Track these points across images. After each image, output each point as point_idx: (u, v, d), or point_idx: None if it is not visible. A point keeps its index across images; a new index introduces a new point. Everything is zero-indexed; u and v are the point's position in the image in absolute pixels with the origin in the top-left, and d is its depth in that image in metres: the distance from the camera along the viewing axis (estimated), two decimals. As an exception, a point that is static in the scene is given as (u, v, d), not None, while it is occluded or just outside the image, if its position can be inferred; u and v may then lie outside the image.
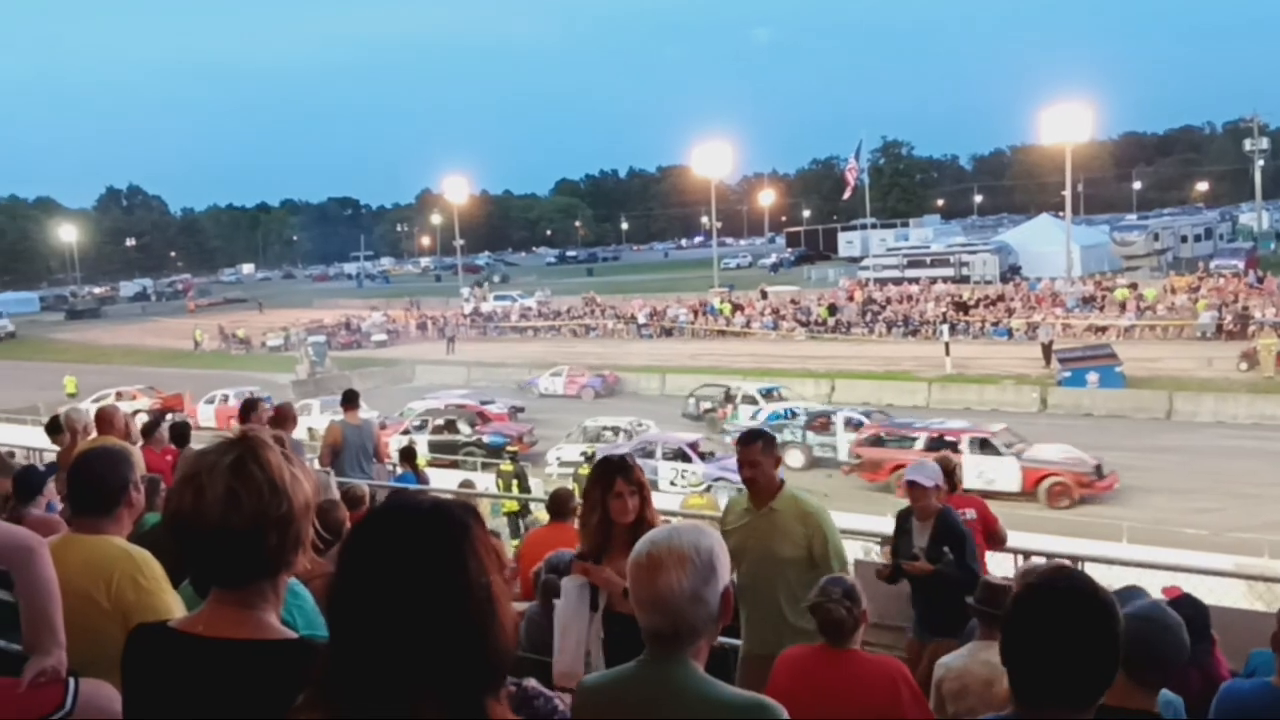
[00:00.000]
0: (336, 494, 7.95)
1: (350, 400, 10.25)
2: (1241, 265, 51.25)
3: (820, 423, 26.53)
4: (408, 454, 12.15)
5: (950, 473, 7.04)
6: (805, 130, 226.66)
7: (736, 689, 2.20)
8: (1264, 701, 3.50)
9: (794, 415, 27.41)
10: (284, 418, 9.26)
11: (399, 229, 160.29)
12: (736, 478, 19.78)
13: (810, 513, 4.84)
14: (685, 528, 2.21)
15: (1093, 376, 31.17)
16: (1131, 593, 3.20)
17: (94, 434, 8.38)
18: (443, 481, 15.08)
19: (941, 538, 5.93)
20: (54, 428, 9.19)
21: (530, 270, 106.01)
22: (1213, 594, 6.97)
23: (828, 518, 4.82)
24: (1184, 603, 4.31)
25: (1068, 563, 6.51)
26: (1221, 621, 5.30)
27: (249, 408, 8.87)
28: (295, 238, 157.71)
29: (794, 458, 25.21)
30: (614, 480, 4.15)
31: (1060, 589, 1.96)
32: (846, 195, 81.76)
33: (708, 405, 31.36)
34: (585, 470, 18.81)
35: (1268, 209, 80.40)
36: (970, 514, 6.83)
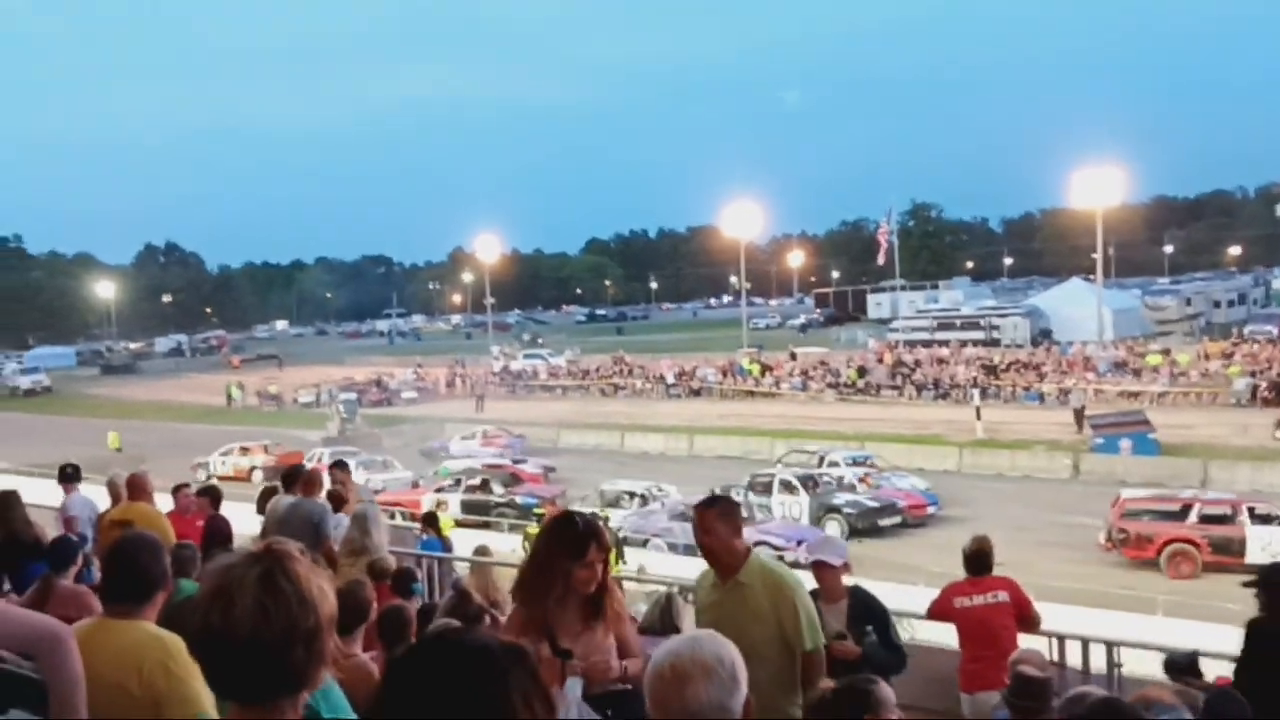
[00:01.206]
0: (383, 524, 7.91)
1: (343, 468, 10.12)
2: (1276, 331, 50.78)
3: (761, 485, 26.41)
4: (430, 519, 12.04)
5: (986, 554, 6.91)
6: (834, 191, 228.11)
7: None
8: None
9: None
10: (311, 483, 9.20)
11: (431, 287, 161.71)
12: (778, 541, 19.29)
13: (778, 584, 4.37)
14: (703, 637, 2.17)
15: (1126, 443, 30.77)
16: (1164, 709, 3.15)
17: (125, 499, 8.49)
18: (465, 545, 14.96)
19: (861, 618, 5.53)
20: (65, 476, 9.25)
21: (560, 329, 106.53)
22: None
23: (800, 588, 4.42)
24: (1226, 697, 4.22)
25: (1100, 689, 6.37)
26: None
27: (291, 477, 8.81)
28: (329, 295, 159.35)
29: None
30: (587, 546, 3.69)
31: None
32: (880, 260, 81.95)
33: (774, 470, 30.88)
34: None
35: (1302, 274, 79.85)
36: (1003, 596, 6.70)
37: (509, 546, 21.18)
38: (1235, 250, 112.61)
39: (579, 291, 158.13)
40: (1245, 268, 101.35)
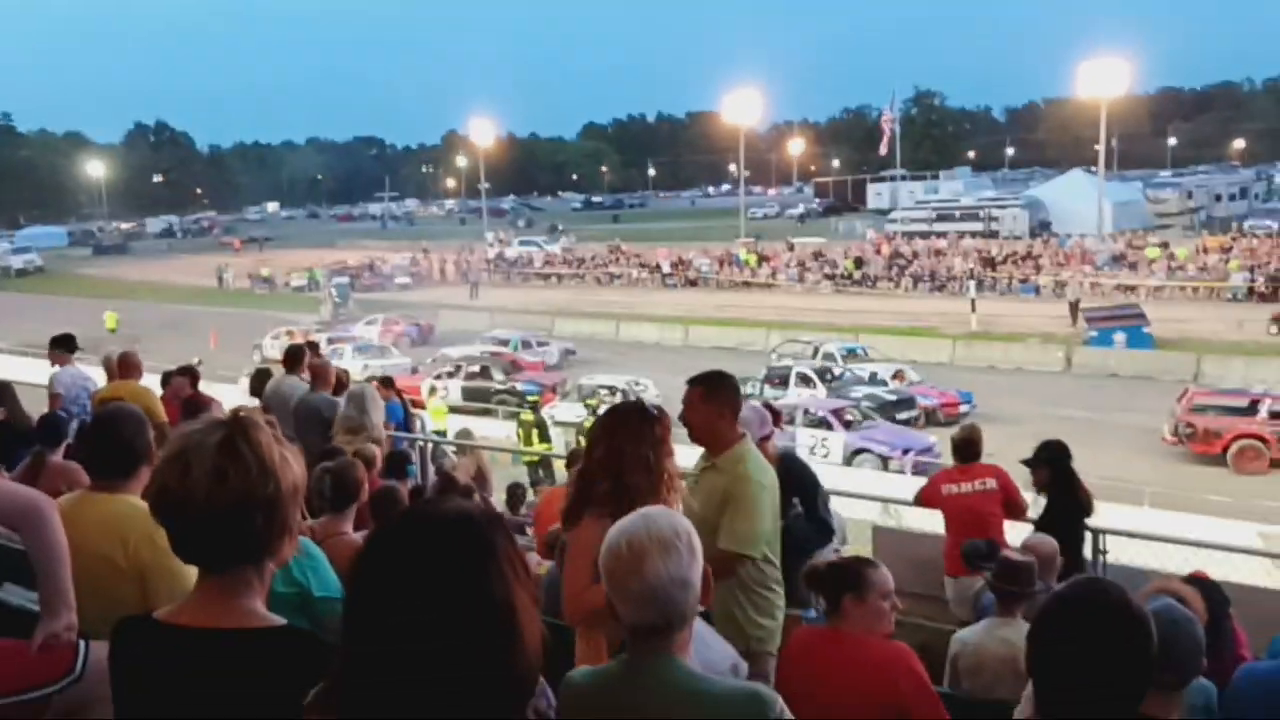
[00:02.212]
0: (380, 404, 7.84)
1: (315, 349, 9.87)
2: (1276, 226, 50.47)
3: (778, 377, 26.38)
4: (387, 381, 11.39)
5: (975, 442, 6.96)
6: (836, 79, 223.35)
7: (728, 681, 2.14)
8: (1285, 681, 3.45)
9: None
10: (321, 374, 9.06)
11: (424, 170, 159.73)
12: (882, 449, 20.02)
13: (741, 478, 4.04)
14: (656, 513, 2.16)
15: (1120, 336, 30.85)
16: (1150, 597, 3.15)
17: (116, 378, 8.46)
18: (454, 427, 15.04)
19: (789, 488, 4.86)
20: (59, 343, 9.13)
21: (556, 215, 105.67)
22: (1238, 571, 6.94)
23: (756, 492, 4.04)
24: (1200, 584, 4.24)
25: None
26: (1241, 599, 5.26)
27: (294, 355, 8.68)
28: (320, 176, 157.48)
29: None
30: (667, 435, 3.46)
31: (1092, 604, 1.90)
32: (883, 150, 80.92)
33: (789, 363, 30.91)
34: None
35: (1306, 169, 79.09)
36: (991, 484, 6.77)
37: (504, 434, 21.37)
38: (1240, 144, 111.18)
39: (575, 177, 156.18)
40: (1249, 161, 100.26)
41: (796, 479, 5.29)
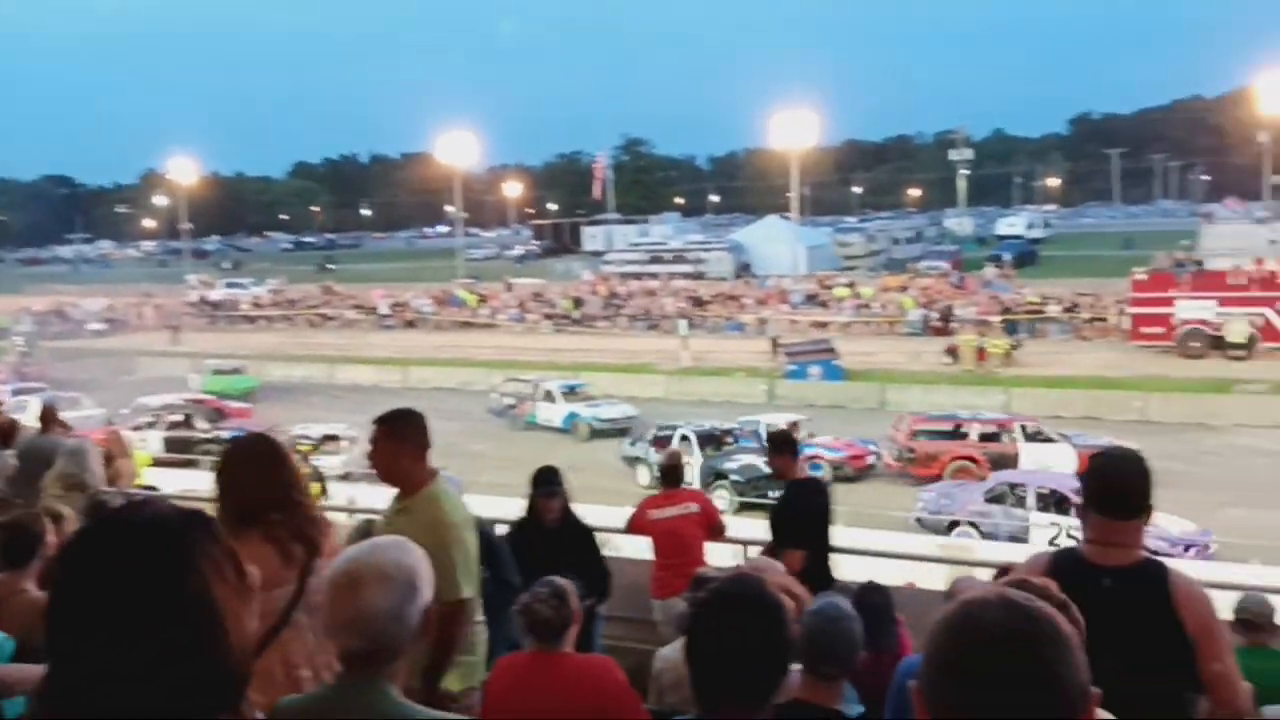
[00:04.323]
0: (99, 457, 7.31)
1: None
2: (947, 266, 55.61)
3: (662, 439, 23.15)
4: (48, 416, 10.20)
5: (678, 468, 7.42)
6: (551, 124, 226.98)
7: (435, 712, 2.17)
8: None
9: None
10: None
11: (120, 210, 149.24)
12: (1160, 545, 15.12)
13: (438, 521, 3.97)
14: (387, 543, 2.20)
15: (815, 370, 33.27)
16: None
17: None
18: (167, 485, 14.18)
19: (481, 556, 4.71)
20: None
21: (264, 256, 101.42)
22: (929, 577, 7.77)
23: (456, 536, 3.98)
24: (869, 589, 4.81)
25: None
26: (922, 603, 5.93)
27: (48, 415, 8.07)
28: (3, 218, 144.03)
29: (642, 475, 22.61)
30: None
31: (728, 596, 2.18)
32: (596, 194, 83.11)
33: (511, 401, 30.83)
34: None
35: (970, 215, 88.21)
36: (693, 508, 7.22)
37: (210, 484, 20.33)
38: (915, 192, 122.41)
39: (285, 218, 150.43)
40: (923, 207, 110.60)
41: (487, 548, 5.13)
